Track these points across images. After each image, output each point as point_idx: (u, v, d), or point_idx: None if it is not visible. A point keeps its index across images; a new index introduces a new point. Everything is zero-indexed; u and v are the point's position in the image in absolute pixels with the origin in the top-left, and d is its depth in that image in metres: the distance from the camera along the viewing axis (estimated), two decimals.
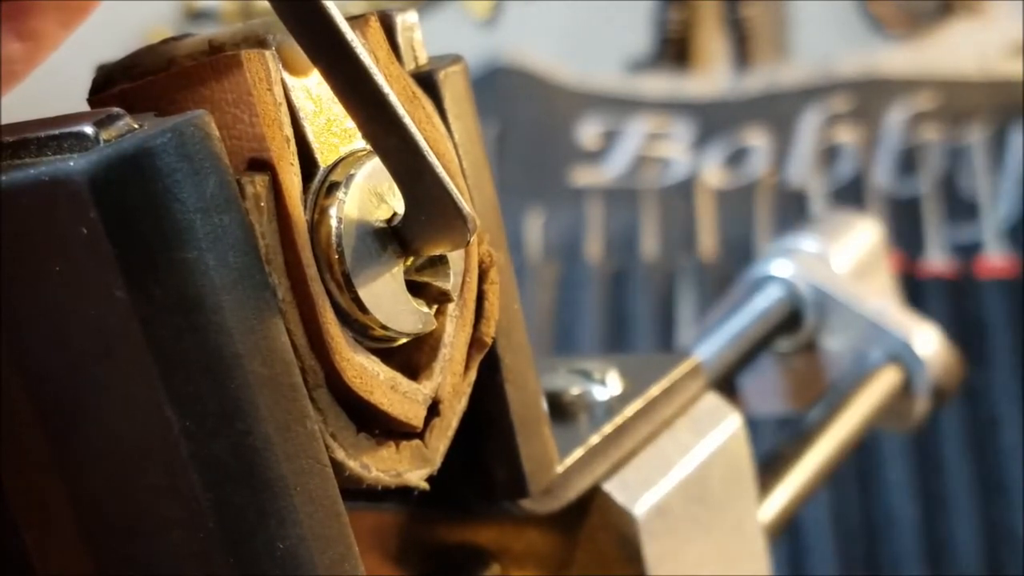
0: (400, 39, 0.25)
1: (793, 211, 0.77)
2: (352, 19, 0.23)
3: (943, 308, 0.70)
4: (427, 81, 0.26)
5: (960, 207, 0.75)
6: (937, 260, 0.71)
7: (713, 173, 0.76)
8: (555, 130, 0.80)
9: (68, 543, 0.21)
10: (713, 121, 0.79)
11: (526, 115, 0.80)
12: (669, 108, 0.79)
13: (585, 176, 0.76)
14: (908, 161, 0.79)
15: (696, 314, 0.71)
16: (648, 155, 0.77)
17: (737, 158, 0.77)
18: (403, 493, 0.25)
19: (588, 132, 0.79)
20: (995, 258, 0.71)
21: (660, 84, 0.82)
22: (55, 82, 0.38)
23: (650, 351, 0.71)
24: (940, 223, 0.74)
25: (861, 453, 0.67)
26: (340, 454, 0.23)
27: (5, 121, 0.22)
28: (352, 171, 0.23)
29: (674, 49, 0.92)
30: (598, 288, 0.71)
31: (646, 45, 0.91)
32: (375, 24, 0.24)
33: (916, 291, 0.70)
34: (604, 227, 0.74)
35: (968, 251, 0.73)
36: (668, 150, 0.77)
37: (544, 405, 0.28)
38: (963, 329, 0.69)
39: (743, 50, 0.93)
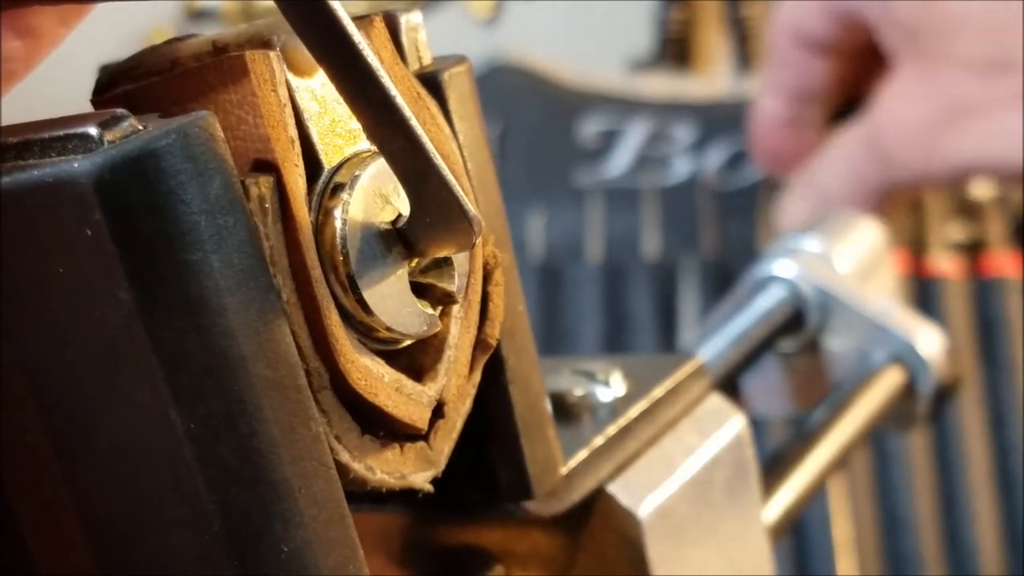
0: (404, 39, 0.25)
1: None
2: (356, 19, 0.23)
3: (950, 307, 0.70)
4: (431, 82, 0.25)
5: (966, 204, 0.74)
6: (942, 258, 0.71)
7: (714, 174, 0.75)
8: (557, 130, 0.80)
9: (73, 545, 0.21)
10: (715, 122, 0.79)
11: (528, 115, 0.80)
12: (671, 109, 0.79)
13: (587, 176, 0.76)
14: None
15: (698, 309, 0.71)
16: (650, 155, 0.77)
17: (739, 159, 0.77)
18: (407, 495, 0.25)
19: (590, 131, 0.78)
20: (1002, 256, 0.71)
21: (662, 86, 0.82)
22: (55, 83, 0.38)
23: (652, 346, 0.70)
24: (945, 220, 0.74)
25: (868, 452, 0.66)
26: (345, 456, 0.23)
27: (5, 121, 0.21)
28: (357, 172, 0.23)
29: (675, 49, 0.92)
30: (599, 285, 0.71)
31: (647, 44, 0.91)
32: (380, 24, 0.24)
33: (922, 290, 0.70)
34: (605, 227, 0.74)
35: (974, 249, 0.73)
36: (670, 150, 0.77)
37: (548, 407, 0.28)
38: (970, 328, 0.69)
39: (744, 49, 0.93)
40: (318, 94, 0.23)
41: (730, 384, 0.41)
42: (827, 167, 0.66)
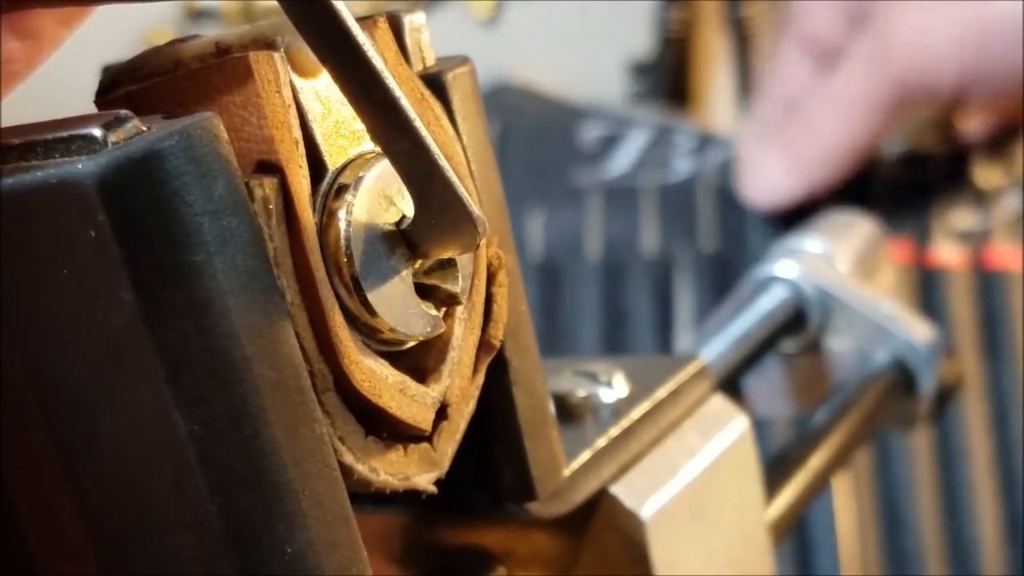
0: (408, 40, 0.25)
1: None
2: (360, 20, 0.23)
3: (952, 299, 0.70)
4: (435, 82, 0.25)
5: (969, 195, 0.74)
6: (945, 249, 0.70)
7: (715, 171, 0.75)
8: (557, 132, 0.80)
9: (75, 547, 0.21)
10: (714, 135, 0.79)
11: (529, 120, 0.80)
12: (669, 130, 0.79)
13: (586, 175, 0.76)
14: (915, 148, 0.78)
15: (696, 304, 0.71)
16: (650, 157, 0.77)
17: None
18: (410, 496, 0.25)
19: (590, 136, 0.79)
20: (1005, 247, 0.71)
21: (661, 117, 0.82)
22: (57, 84, 0.38)
23: (650, 343, 0.70)
24: (948, 211, 0.73)
25: (870, 448, 0.66)
26: (348, 458, 0.23)
27: (6, 123, 0.21)
28: (361, 173, 0.23)
29: (675, 49, 0.92)
30: (599, 283, 0.71)
31: (648, 44, 0.91)
32: (384, 25, 0.24)
33: (924, 280, 0.69)
34: (604, 225, 0.74)
35: (977, 240, 0.72)
36: (670, 153, 0.77)
37: (551, 408, 0.28)
38: (973, 321, 0.69)
39: (744, 49, 0.92)
40: (322, 95, 0.23)
41: (732, 385, 0.41)
42: (823, 111, 0.66)
